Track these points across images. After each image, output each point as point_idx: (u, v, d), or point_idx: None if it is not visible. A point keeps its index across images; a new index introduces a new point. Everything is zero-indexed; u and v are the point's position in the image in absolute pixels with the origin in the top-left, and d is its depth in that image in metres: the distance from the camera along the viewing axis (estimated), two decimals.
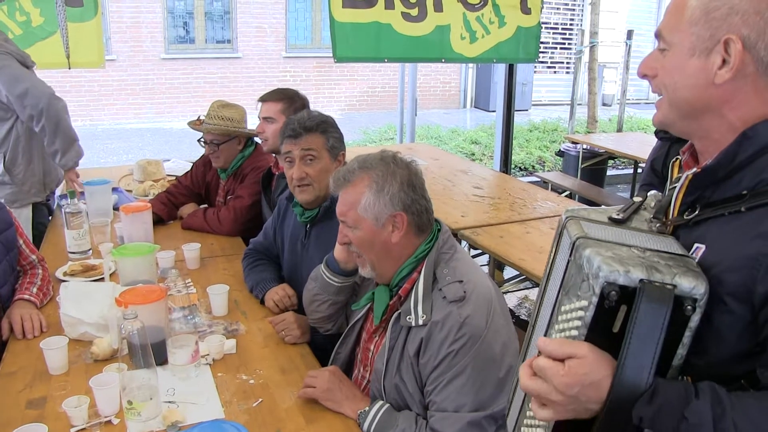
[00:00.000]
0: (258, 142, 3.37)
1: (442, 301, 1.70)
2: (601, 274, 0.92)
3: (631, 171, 7.31)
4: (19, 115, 3.39)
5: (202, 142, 3.37)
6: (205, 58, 11.95)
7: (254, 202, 3.25)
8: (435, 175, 4.56)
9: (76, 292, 2.28)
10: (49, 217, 3.71)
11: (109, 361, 2.04)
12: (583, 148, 6.97)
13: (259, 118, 3.09)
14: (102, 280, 2.60)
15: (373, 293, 1.90)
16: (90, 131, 10.71)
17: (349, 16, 4.16)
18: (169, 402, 1.83)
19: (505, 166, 5.72)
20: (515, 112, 5.72)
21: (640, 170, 6.57)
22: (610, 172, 7.97)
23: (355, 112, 12.86)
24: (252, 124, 3.33)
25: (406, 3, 4.32)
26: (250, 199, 3.24)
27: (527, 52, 4.89)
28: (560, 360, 0.97)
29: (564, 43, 14.30)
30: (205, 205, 3.57)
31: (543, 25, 5.36)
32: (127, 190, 3.91)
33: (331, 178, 1.90)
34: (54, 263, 2.76)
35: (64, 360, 2.01)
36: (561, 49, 14.34)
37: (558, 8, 14.03)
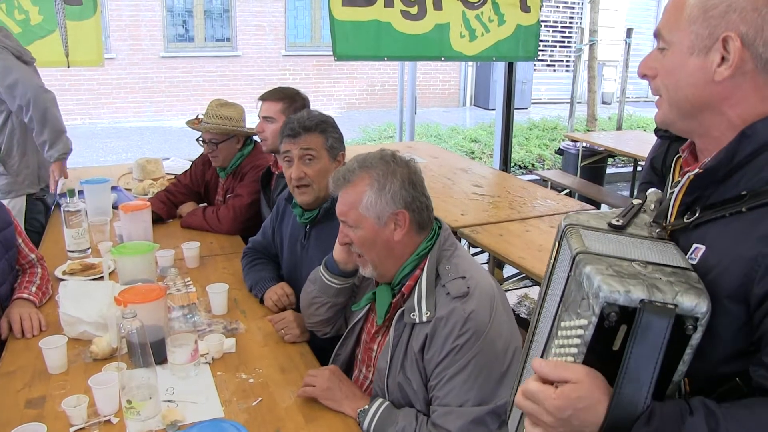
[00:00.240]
0: (257, 140, 3.37)
1: (446, 297, 1.71)
2: (601, 295, 0.90)
3: (631, 169, 7.31)
4: (9, 106, 3.45)
5: (201, 142, 3.36)
6: (205, 56, 11.94)
7: (253, 200, 3.24)
8: (434, 173, 4.56)
9: (75, 291, 2.28)
10: (45, 214, 3.71)
11: (108, 360, 2.04)
12: (583, 147, 6.97)
13: (259, 116, 3.08)
14: (101, 279, 2.60)
15: (374, 293, 1.90)
16: (89, 130, 10.71)
17: (349, 15, 4.16)
18: (169, 401, 1.83)
19: (505, 164, 5.72)
20: (515, 111, 5.73)
21: (639, 168, 6.58)
22: (609, 170, 7.97)
23: (355, 110, 12.85)
24: (251, 122, 3.32)
25: (405, 1, 4.31)
26: (249, 198, 3.24)
27: (527, 51, 4.89)
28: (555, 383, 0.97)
29: (563, 42, 14.29)
30: (205, 204, 3.56)
31: (542, 24, 5.37)
32: (127, 189, 3.91)
33: (330, 178, 1.89)
34: (53, 262, 2.76)
35: (63, 359, 2.01)
36: (560, 47, 14.34)
37: (557, 6, 14.03)
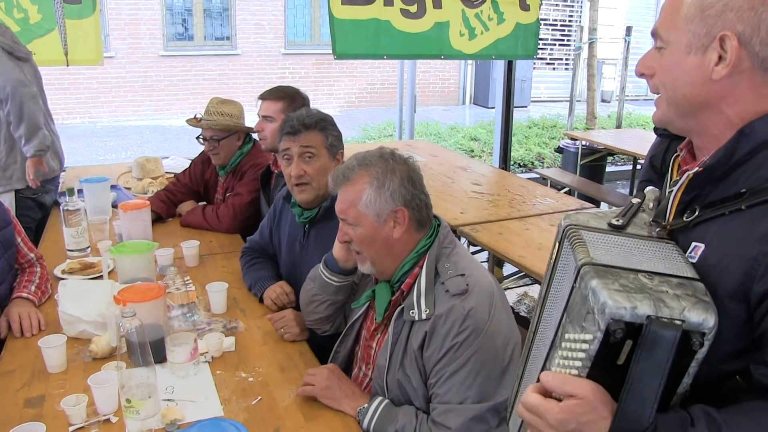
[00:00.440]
0: (256, 139, 3.36)
1: (445, 294, 1.71)
2: (607, 311, 0.89)
3: (630, 167, 7.31)
4: None
5: (201, 140, 3.36)
6: (204, 55, 11.92)
7: (253, 199, 3.23)
8: (434, 171, 4.56)
9: (75, 290, 2.27)
10: (42, 211, 3.70)
11: (108, 359, 2.04)
12: (582, 145, 6.97)
13: (259, 115, 3.08)
14: (100, 278, 2.60)
15: (374, 291, 1.90)
16: (89, 129, 10.71)
17: (349, 13, 4.16)
18: (168, 400, 1.83)
19: (504, 162, 5.72)
20: (514, 109, 5.73)
21: (639, 166, 6.57)
22: (609, 169, 7.96)
23: (354, 109, 12.84)
24: (250, 121, 3.32)
25: (405, 0, 4.32)
26: (249, 197, 3.23)
27: (526, 49, 4.90)
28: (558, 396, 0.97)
29: (563, 40, 14.28)
30: (204, 203, 3.56)
31: (542, 22, 5.36)
32: (126, 188, 3.90)
33: (329, 177, 1.89)
34: (52, 261, 2.75)
35: (62, 358, 2.01)
36: (560, 45, 14.33)
37: (557, 5, 14.02)
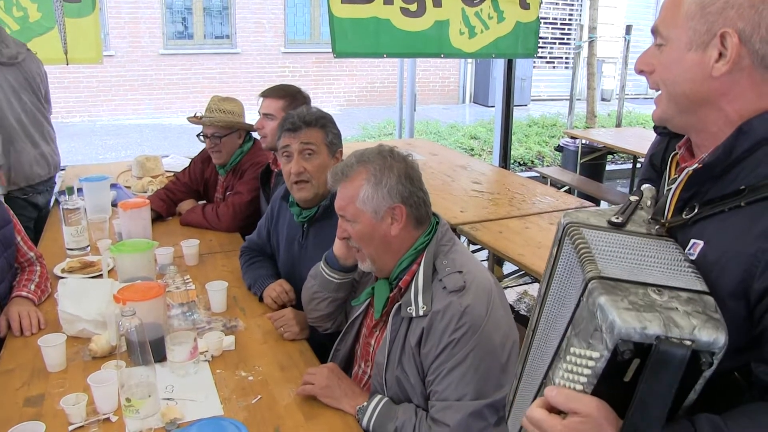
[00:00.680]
0: (256, 138, 3.36)
1: (443, 291, 1.71)
2: (616, 331, 0.87)
3: (630, 166, 7.31)
4: None
5: (202, 138, 3.35)
6: (204, 53, 11.92)
7: (253, 198, 3.23)
8: (434, 170, 4.56)
9: (75, 289, 2.27)
10: (30, 211, 3.68)
11: (108, 358, 2.04)
12: (582, 143, 6.97)
13: (259, 113, 3.07)
14: (100, 276, 2.60)
15: (373, 288, 1.91)
16: (88, 127, 10.71)
17: (348, 12, 4.15)
18: (168, 399, 1.83)
19: (504, 161, 5.72)
20: (514, 108, 5.74)
21: (639, 165, 6.58)
22: (609, 167, 7.96)
23: (354, 107, 12.84)
24: (250, 119, 3.32)
25: None
26: (248, 195, 3.23)
27: (526, 48, 4.89)
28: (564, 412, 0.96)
29: (563, 38, 14.28)
30: (204, 201, 3.56)
31: (542, 21, 5.35)
32: (126, 187, 3.90)
33: (329, 174, 1.90)
34: (52, 260, 2.75)
35: (62, 357, 2.01)
36: (560, 44, 14.32)
37: (557, 3, 14.01)
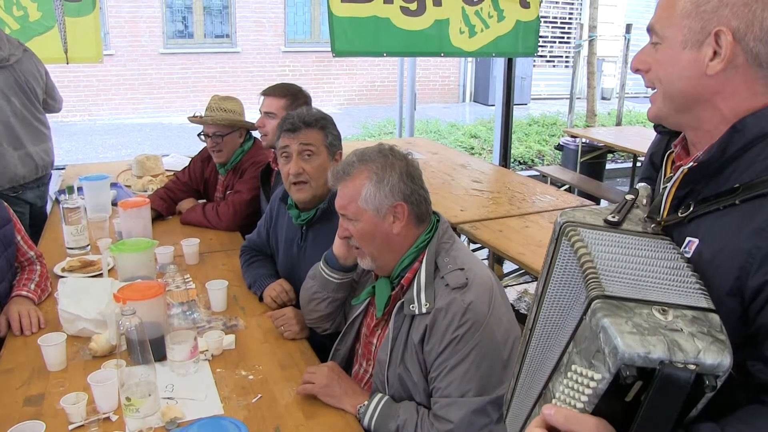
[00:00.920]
0: (256, 137, 3.36)
1: (445, 288, 1.71)
2: (619, 356, 0.86)
3: (630, 165, 7.31)
4: None
5: (202, 137, 3.34)
6: (204, 52, 11.91)
7: (253, 197, 3.23)
8: (434, 169, 4.55)
9: (75, 288, 2.27)
10: (22, 206, 3.68)
11: (108, 357, 2.04)
12: (582, 142, 6.97)
13: (260, 111, 3.07)
14: (100, 276, 2.60)
15: (374, 287, 1.91)
16: (88, 126, 10.71)
17: (348, 11, 4.15)
18: (168, 398, 1.83)
19: (504, 160, 5.72)
20: (514, 106, 5.74)
21: (639, 164, 6.57)
22: (609, 166, 7.97)
23: (354, 106, 12.84)
24: (250, 119, 3.31)
25: None
26: (249, 194, 3.23)
27: (526, 47, 4.89)
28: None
29: (563, 37, 14.27)
30: (204, 201, 3.55)
31: (542, 19, 5.35)
32: (126, 186, 3.90)
33: (329, 173, 1.90)
34: (52, 259, 2.75)
35: (62, 356, 2.01)
36: (560, 43, 14.32)
37: (557, 2, 14.00)
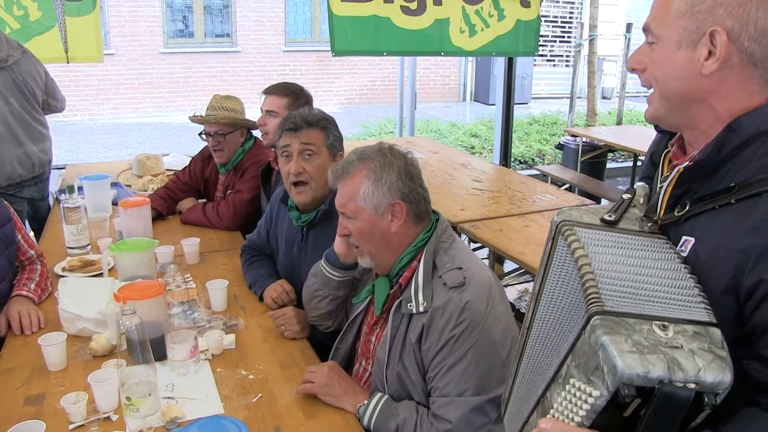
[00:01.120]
0: (257, 136, 3.35)
1: (443, 287, 1.71)
2: (618, 375, 0.85)
3: (631, 164, 7.30)
4: None
5: (204, 136, 3.34)
6: (204, 52, 11.91)
7: (254, 196, 3.22)
8: (434, 168, 4.55)
9: (75, 288, 2.27)
10: (21, 204, 3.67)
11: (108, 357, 2.04)
12: (583, 141, 6.96)
13: (262, 110, 3.06)
14: (101, 275, 2.60)
15: (374, 285, 1.91)
16: (89, 126, 10.71)
17: (348, 10, 4.14)
18: (168, 398, 1.83)
19: (505, 159, 5.71)
20: (515, 106, 5.72)
21: (639, 163, 6.57)
22: (609, 165, 7.96)
23: (355, 106, 12.83)
24: (251, 117, 3.31)
25: None
26: (249, 194, 3.22)
27: (527, 46, 4.88)
28: None
29: (563, 37, 14.26)
30: (204, 200, 3.55)
31: (542, 19, 5.35)
32: (126, 185, 3.90)
33: (329, 171, 1.90)
34: (52, 259, 2.75)
35: (62, 356, 2.01)
36: (560, 42, 14.32)
37: (557, 1, 13.99)
